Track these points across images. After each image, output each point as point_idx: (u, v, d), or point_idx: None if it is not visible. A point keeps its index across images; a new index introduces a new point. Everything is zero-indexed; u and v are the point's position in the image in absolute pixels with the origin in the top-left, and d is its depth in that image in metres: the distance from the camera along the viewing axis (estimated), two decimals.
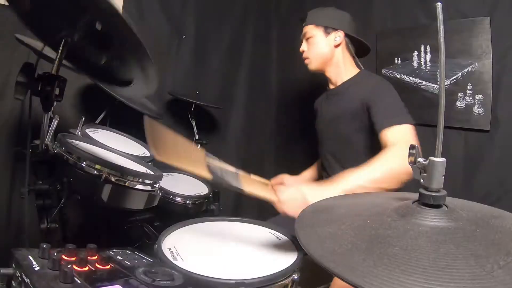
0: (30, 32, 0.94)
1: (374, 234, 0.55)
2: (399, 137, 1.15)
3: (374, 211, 0.63)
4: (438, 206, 0.58)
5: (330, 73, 1.50)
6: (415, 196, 0.61)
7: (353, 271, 0.47)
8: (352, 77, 1.47)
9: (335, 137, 1.48)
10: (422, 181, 0.59)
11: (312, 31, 1.46)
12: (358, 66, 1.51)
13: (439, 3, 0.54)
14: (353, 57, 1.50)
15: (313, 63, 1.49)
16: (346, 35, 1.45)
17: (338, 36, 1.44)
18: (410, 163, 0.61)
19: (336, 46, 1.45)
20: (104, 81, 1.03)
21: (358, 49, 1.51)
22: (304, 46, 1.50)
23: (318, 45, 1.46)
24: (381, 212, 0.61)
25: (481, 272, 0.44)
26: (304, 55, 1.51)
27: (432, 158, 0.57)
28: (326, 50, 1.45)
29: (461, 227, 0.54)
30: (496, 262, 0.45)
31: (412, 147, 0.60)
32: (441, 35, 0.55)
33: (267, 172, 2.47)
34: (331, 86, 1.54)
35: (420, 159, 0.59)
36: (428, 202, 0.58)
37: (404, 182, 1.05)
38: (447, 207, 0.59)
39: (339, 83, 1.50)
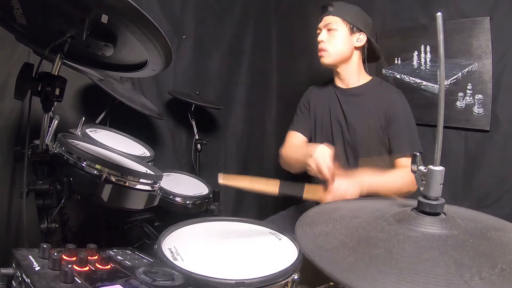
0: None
1: (364, 235, 0.58)
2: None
3: (373, 215, 0.64)
4: (435, 214, 0.59)
5: (343, 71, 1.47)
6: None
7: (335, 265, 0.51)
8: (369, 82, 1.48)
9: (355, 133, 1.45)
10: (421, 188, 0.60)
11: (338, 24, 1.40)
12: (366, 71, 1.52)
13: (439, 14, 0.54)
14: (364, 62, 1.49)
15: (329, 58, 1.43)
16: (367, 39, 1.44)
17: (361, 38, 1.42)
18: (413, 171, 0.61)
19: (356, 48, 1.44)
20: (115, 70, 1.02)
21: (368, 55, 1.50)
22: (323, 36, 1.42)
23: (341, 41, 1.40)
24: (379, 217, 0.63)
25: (458, 281, 0.45)
26: (322, 46, 1.42)
27: (430, 166, 0.58)
28: (346, 48, 1.41)
29: (454, 235, 0.55)
30: (478, 273, 0.46)
31: (414, 155, 0.61)
32: (441, 44, 0.55)
33: (267, 172, 2.48)
34: (342, 85, 1.51)
35: (421, 167, 0.60)
36: (425, 210, 0.59)
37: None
38: (445, 215, 0.60)
39: (352, 84, 1.48)
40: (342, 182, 1.11)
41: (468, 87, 1.53)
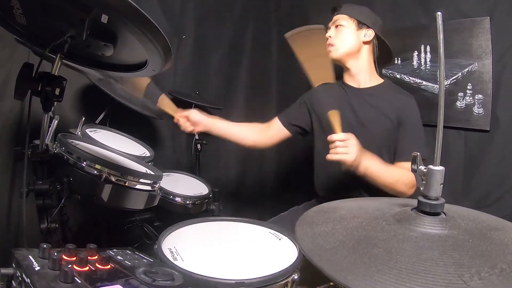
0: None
1: (364, 235, 0.58)
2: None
3: (373, 215, 0.64)
4: (436, 214, 0.59)
5: (353, 67, 1.47)
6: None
7: (334, 265, 0.51)
8: (381, 84, 1.48)
9: (367, 133, 1.44)
10: (421, 188, 0.60)
11: (344, 20, 1.45)
12: (377, 72, 1.52)
13: (439, 13, 0.54)
14: (374, 63, 1.50)
15: (337, 51, 1.46)
16: (376, 36, 1.45)
17: (369, 34, 1.44)
18: (413, 170, 0.61)
19: (365, 42, 1.45)
20: (115, 70, 1.02)
21: (380, 56, 1.51)
22: (331, 32, 1.48)
23: (347, 35, 1.44)
24: (379, 216, 0.63)
25: (457, 280, 0.45)
26: (330, 41, 1.47)
27: (430, 166, 0.58)
28: (354, 42, 1.44)
29: (454, 235, 0.55)
30: (478, 273, 0.46)
31: (414, 156, 0.61)
32: (441, 44, 0.55)
33: (267, 171, 2.48)
34: (354, 84, 1.50)
35: (421, 167, 0.60)
36: (425, 210, 0.59)
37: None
38: (445, 215, 0.60)
39: (363, 84, 1.48)
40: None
41: (468, 87, 1.53)
